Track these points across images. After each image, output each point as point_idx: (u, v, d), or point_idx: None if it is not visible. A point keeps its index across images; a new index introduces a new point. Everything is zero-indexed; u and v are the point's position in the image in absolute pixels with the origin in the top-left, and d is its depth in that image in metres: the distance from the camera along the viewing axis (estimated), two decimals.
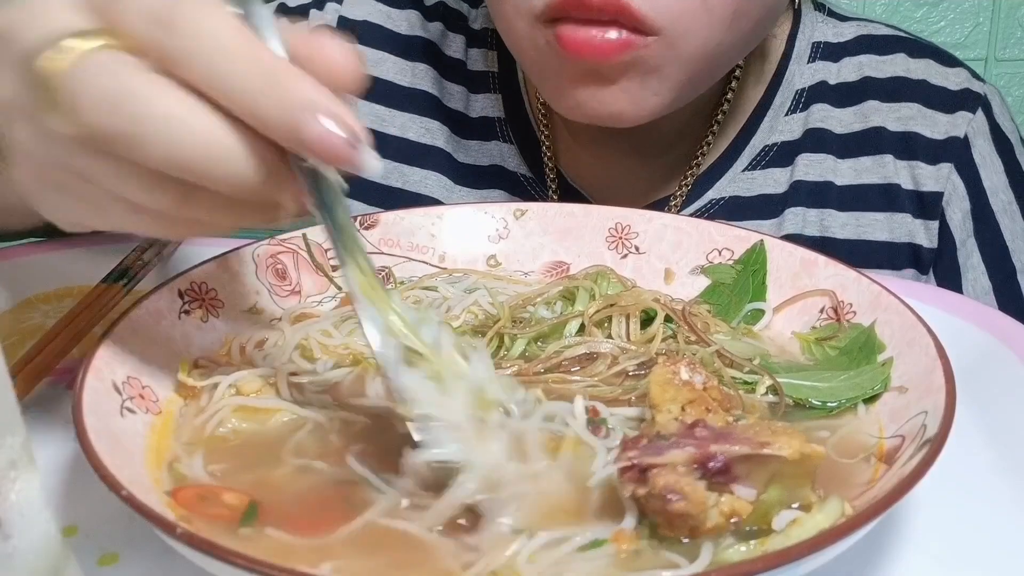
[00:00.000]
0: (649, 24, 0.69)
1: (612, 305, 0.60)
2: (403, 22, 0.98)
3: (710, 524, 0.43)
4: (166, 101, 0.39)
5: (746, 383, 0.56)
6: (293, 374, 0.56)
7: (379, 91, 0.97)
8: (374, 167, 0.40)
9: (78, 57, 0.39)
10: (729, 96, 0.89)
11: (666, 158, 0.91)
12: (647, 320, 0.60)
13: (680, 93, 0.76)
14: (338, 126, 0.39)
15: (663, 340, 0.59)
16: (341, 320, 0.63)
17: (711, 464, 0.42)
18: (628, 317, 0.60)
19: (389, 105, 0.97)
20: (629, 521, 0.44)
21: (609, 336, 0.59)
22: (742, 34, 0.74)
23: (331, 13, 0.97)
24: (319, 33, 0.42)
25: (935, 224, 0.88)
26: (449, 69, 0.97)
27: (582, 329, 0.60)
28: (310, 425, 0.52)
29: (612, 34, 0.70)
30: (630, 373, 0.56)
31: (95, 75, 0.39)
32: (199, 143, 0.39)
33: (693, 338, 0.59)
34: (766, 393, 0.55)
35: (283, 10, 0.98)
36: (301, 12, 0.98)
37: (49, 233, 0.87)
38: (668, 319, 0.60)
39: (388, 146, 0.96)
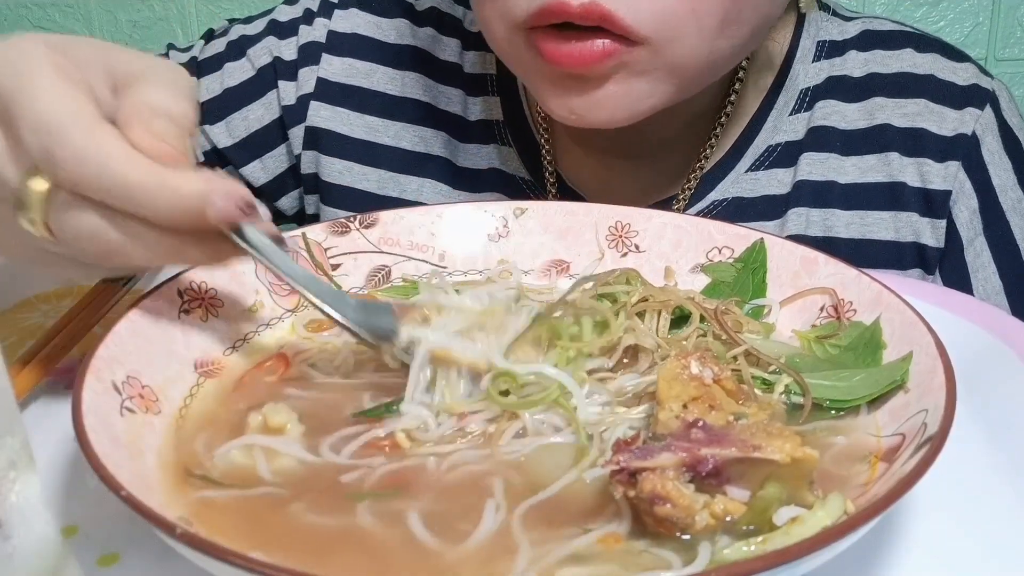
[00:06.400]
0: (634, 33, 0.68)
1: (646, 300, 0.60)
2: (392, 31, 0.98)
3: (700, 525, 0.43)
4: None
5: (765, 382, 0.56)
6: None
7: (371, 102, 0.96)
8: (266, 214, 0.51)
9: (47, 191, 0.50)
10: (732, 98, 0.88)
11: (668, 161, 0.91)
12: (678, 319, 0.60)
13: (672, 96, 0.75)
14: (231, 199, 0.48)
15: (697, 338, 0.59)
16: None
17: (700, 468, 0.42)
18: (660, 313, 0.60)
19: (381, 115, 0.96)
20: (624, 520, 0.44)
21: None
22: (736, 39, 0.74)
23: (320, 28, 0.97)
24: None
25: (942, 223, 0.87)
26: (444, 73, 0.97)
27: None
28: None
29: (596, 43, 0.69)
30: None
31: (66, 208, 0.50)
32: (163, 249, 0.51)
33: (724, 337, 0.59)
34: (784, 392, 0.55)
35: (273, 26, 0.98)
36: (291, 27, 0.98)
37: None
38: (701, 318, 0.60)
39: (382, 157, 0.96)
